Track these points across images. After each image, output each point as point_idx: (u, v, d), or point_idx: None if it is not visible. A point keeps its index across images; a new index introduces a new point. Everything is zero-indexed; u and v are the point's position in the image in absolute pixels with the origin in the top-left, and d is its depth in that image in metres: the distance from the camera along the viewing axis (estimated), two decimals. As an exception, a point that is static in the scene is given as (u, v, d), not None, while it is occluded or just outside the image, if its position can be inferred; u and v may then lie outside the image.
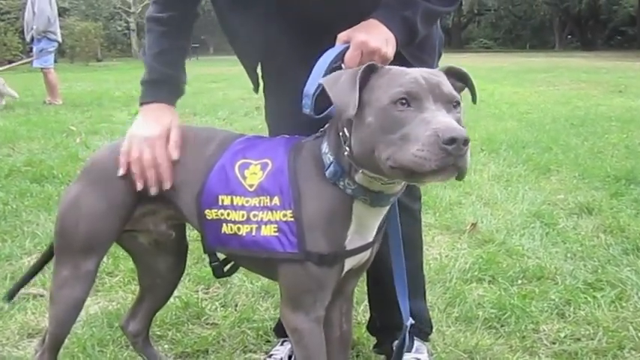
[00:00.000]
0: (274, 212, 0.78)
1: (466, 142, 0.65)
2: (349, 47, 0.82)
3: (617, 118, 4.25)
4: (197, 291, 1.52)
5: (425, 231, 1.81)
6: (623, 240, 1.80)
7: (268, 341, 1.25)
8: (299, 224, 0.77)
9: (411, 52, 0.91)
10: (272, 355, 1.15)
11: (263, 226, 0.79)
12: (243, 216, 0.80)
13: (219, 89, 7.19)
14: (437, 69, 0.78)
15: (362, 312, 1.37)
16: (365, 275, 1.15)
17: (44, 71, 5.75)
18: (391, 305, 0.99)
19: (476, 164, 2.79)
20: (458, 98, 0.73)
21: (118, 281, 1.58)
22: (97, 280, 1.57)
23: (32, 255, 1.76)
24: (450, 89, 0.73)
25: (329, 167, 0.79)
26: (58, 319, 0.93)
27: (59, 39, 5.92)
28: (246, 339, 1.26)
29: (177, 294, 1.45)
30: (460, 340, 1.23)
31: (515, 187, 2.45)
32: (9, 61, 9.18)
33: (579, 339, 1.24)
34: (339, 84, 0.73)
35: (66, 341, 1.20)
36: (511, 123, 4.17)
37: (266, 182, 0.80)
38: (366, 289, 1.20)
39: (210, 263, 0.91)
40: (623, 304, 1.39)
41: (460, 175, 0.68)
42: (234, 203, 0.81)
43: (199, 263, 1.66)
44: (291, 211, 0.78)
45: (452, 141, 0.64)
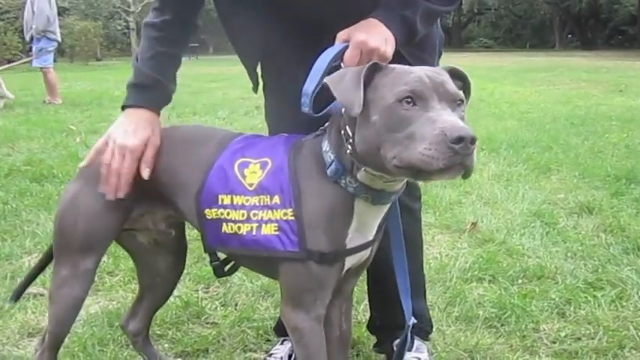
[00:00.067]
0: (275, 211, 0.78)
1: (473, 141, 0.66)
2: (348, 46, 0.82)
3: (617, 118, 4.25)
4: (197, 290, 1.52)
5: (425, 230, 1.81)
6: (623, 239, 1.80)
7: (268, 340, 1.25)
8: (300, 223, 0.77)
9: (411, 52, 0.91)
10: (272, 354, 1.15)
11: (263, 225, 0.79)
12: (243, 215, 0.80)
13: (218, 89, 7.18)
14: (439, 67, 0.78)
15: (362, 311, 1.37)
16: (365, 274, 1.15)
17: (43, 71, 5.74)
18: (391, 304, 0.99)
19: (476, 164, 2.78)
20: (462, 97, 0.74)
21: (119, 280, 1.58)
22: (98, 280, 1.57)
23: (32, 254, 1.76)
24: (454, 88, 0.73)
25: (330, 165, 0.78)
26: (58, 319, 0.93)
27: (58, 38, 5.90)
28: (246, 338, 1.26)
29: (177, 293, 1.45)
30: (460, 340, 1.23)
31: (515, 187, 2.45)
32: (8, 61, 9.17)
33: (580, 338, 1.24)
34: (344, 82, 0.72)
35: (66, 340, 1.20)
36: (511, 122, 4.17)
37: (266, 181, 0.80)
38: (366, 288, 1.20)
39: (210, 262, 0.91)
40: (623, 304, 1.39)
41: (466, 174, 0.68)
42: (234, 202, 0.81)
43: (199, 262, 1.66)
44: (291, 210, 0.77)
45: (459, 140, 0.65)
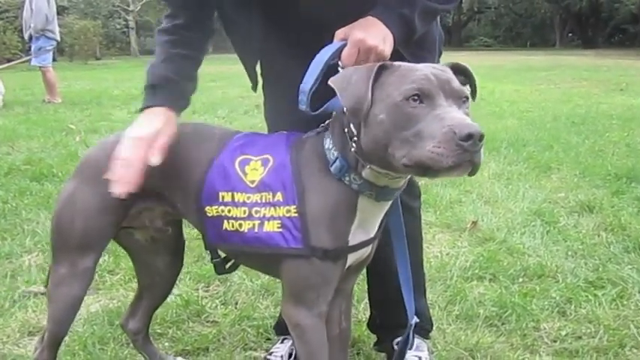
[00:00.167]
0: (277, 208, 0.78)
1: (481, 138, 0.66)
2: (346, 44, 0.82)
3: (618, 117, 4.25)
4: (197, 289, 1.52)
5: (425, 229, 1.81)
6: (624, 238, 1.80)
7: (268, 339, 1.25)
8: (303, 220, 0.77)
9: (411, 50, 0.91)
10: (272, 353, 1.15)
11: (266, 222, 0.78)
12: (244, 212, 0.80)
13: (218, 88, 7.17)
14: (443, 64, 0.78)
15: (362, 310, 1.37)
16: (365, 273, 1.15)
17: (42, 70, 5.73)
18: (392, 303, 0.99)
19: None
20: (467, 94, 0.74)
21: (119, 279, 1.58)
22: (98, 278, 1.57)
23: (32, 253, 1.76)
24: (459, 85, 0.73)
25: (334, 163, 0.78)
26: (57, 318, 0.93)
27: (57, 37, 5.88)
28: (246, 337, 1.26)
29: (177, 292, 1.45)
30: (461, 338, 1.23)
31: (515, 186, 2.45)
32: (8, 60, 9.16)
33: (580, 337, 1.24)
34: (352, 84, 0.72)
35: (67, 339, 1.20)
36: (512, 121, 4.17)
37: (268, 178, 0.80)
38: (367, 287, 1.20)
39: (211, 260, 0.91)
40: (624, 303, 1.39)
41: (474, 171, 0.69)
42: (235, 200, 0.81)
43: (199, 261, 1.66)
44: (295, 207, 0.77)
45: (468, 137, 0.65)
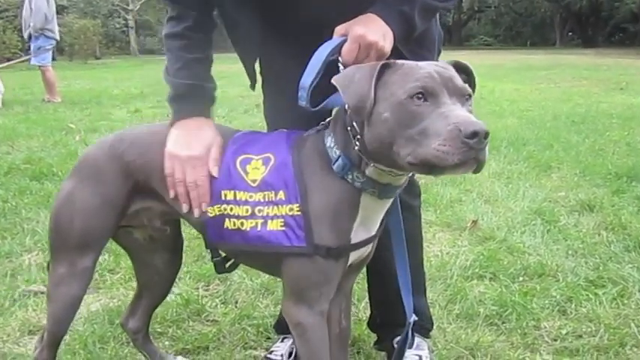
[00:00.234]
0: (280, 207, 0.78)
1: (487, 136, 0.66)
2: (346, 40, 0.82)
3: (618, 116, 4.24)
4: (197, 288, 1.52)
5: (426, 228, 1.81)
6: (624, 237, 1.80)
7: (269, 338, 1.25)
8: (306, 218, 0.77)
9: (410, 48, 0.91)
10: (272, 352, 1.15)
11: (269, 221, 0.78)
12: (247, 211, 0.80)
13: (218, 87, 7.11)
14: (444, 62, 0.78)
15: (362, 309, 1.37)
16: (365, 272, 1.15)
17: (42, 69, 5.73)
18: (392, 302, 0.99)
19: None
20: (470, 91, 0.74)
21: (119, 278, 1.58)
22: (99, 277, 1.57)
23: (32, 252, 1.76)
24: (462, 83, 0.73)
25: (337, 161, 0.78)
26: (56, 317, 0.93)
27: (57, 36, 5.88)
28: (246, 336, 1.26)
29: (177, 291, 1.45)
30: (461, 337, 1.23)
31: (516, 185, 2.45)
32: (7, 59, 9.15)
33: (581, 336, 1.24)
34: (355, 83, 0.72)
35: (67, 337, 1.21)
36: (512, 120, 4.16)
37: (269, 177, 0.80)
38: (367, 286, 1.20)
39: (212, 259, 0.91)
40: (624, 302, 1.38)
41: (478, 168, 0.69)
42: (237, 198, 0.81)
43: (199, 261, 1.66)
44: (297, 205, 0.77)
45: (474, 135, 0.65)
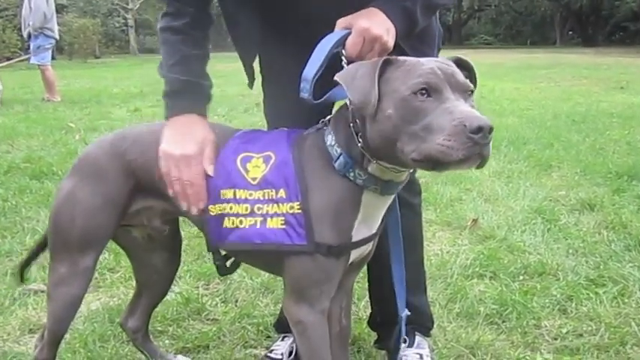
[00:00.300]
0: (280, 205, 0.78)
1: (491, 131, 0.66)
2: (350, 33, 0.82)
3: (618, 115, 4.24)
4: (197, 287, 1.52)
5: (426, 227, 1.80)
6: (625, 236, 1.80)
7: (269, 337, 1.25)
8: (307, 216, 0.77)
9: (411, 44, 0.91)
10: (272, 351, 1.15)
11: (269, 219, 0.78)
12: (246, 209, 0.79)
13: (217, 86, 6.97)
14: (446, 58, 0.78)
15: (363, 308, 1.37)
16: (366, 271, 1.15)
17: (41, 68, 5.72)
18: (392, 301, 0.98)
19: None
20: (472, 87, 0.74)
21: (119, 277, 1.58)
22: (99, 276, 1.57)
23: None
24: (464, 78, 0.73)
25: (338, 159, 0.78)
26: (56, 316, 0.93)
27: (56, 36, 5.87)
28: (246, 334, 1.26)
29: (177, 290, 1.45)
30: (461, 336, 1.23)
31: (516, 184, 2.45)
32: (7, 59, 9.15)
33: (581, 335, 1.24)
34: (357, 79, 0.72)
35: (67, 336, 1.20)
36: (512, 119, 4.16)
37: (270, 175, 0.80)
38: (367, 285, 1.20)
39: (214, 262, 0.90)
40: (625, 300, 1.38)
41: (482, 163, 0.69)
42: (236, 196, 0.80)
43: (199, 259, 1.66)
44: (298, 204, 0.77)
45: (479, 130, 0.65)
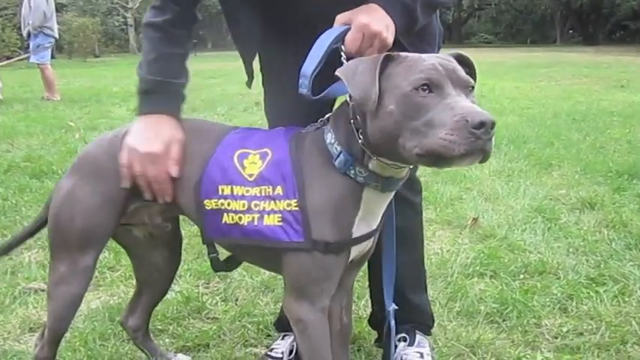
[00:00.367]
0: (277, 202, 0.78)
1: (493, 126, 0.66)
2: (349, 29, 0.81)
3: (619, 113, 4.24)
4: (197, 286, 1.52)
5: (426, 226, 1.79)
6: (625, 235, 1.80)
7: (269, 335, 1.25)
8: (304, 213, 0.77)
9: (411, 41, 0.90)
10: (273, 349, 1.15)
11: (265, 216, 0.78)
12: (244, 205, 0.79)
13: (217, 85, 7.15)
14: (446, 54, 0.77)
15: (363, 306, 1.37)
16: (367, 269, 1.15)
17: (40, 67, 5.72)
18: (393, 299, 0.98)
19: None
20: (473, 83, 0.73)
21: (120, 276, 1.58)
22: (99, 275, 1.57)
23: (32, 250, 1.76)
24: (465, 74, 0.73)
25: (338, 157, 0.78)
26: (56, 315, 0.93)
27: (56, 34, 5.87)
28: (246, 333, 1.26)
29: (177, 289, 1.45)
30: (462, 335, 1.23)
31: (516, 183, 2.44)
32: (7, 58, 9.14)
33: (582, 334, 1.24)
34: (358, 74, 0.71)
35: (68, 335, 1.20)
36: (512, 118, 4.15)
37: (267, 172, 0.80)
38: (368, 283, 1.20)
39: (208, 255, 0.90)
40: (625, 299, 1.38)
41: (484, 159, 0.69)
42: (234, 193, 0.80)
43: (200, 258, 1.66)
44: (295, 201, 0.77)
45: (481, 125, 0.65)
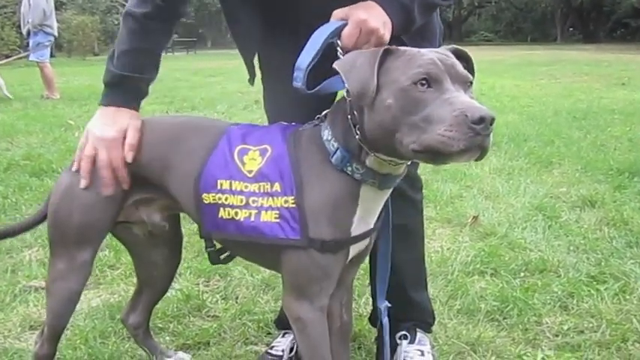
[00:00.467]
0: (275, 198, 0.78)
1: (492, 121, 0.65)
2: (346, 24, 0.81)
3: (619, 111, 4.23)
4: (198, 284, 1.52)
5: (426, 224, 1.78)
6: (626, 233, 1.79)
7: (269, 333, 1.25)
8: (301, 211, 0.76)
9: (411, 37, 0.90)
10: (273, 347, 1.15)
11: (263, 212, 0.78)
12: (241, 201, 0.79)
13: (217, 83, 7.15)
14: (443, 48, 0.77)
15: (363, 304, 1.37)
16: (368, 267, 1.15)
17: (40, 65, 5.71)
18: (394, 297, 0.98)
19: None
20: (471, 78, 0.73)
21: (120, 274, 1.58)
22: (99, 273, 1.57)
23: (33, 248, 1.76)
24: (464, 70, 0.72)
25: (335, 153, 0.77)
26: (55, 311, 0.93)
27: (55, 33, 5.87)
28: (247, 331, 1.26)
29: (178, 287, 1.45)
30: (462, 333, 1.23)
31: (516, 181, 2.44)
32: (6, 56, 9.12)
33: (582, 331, 1.24)
34: (357, 67, 0.71)
35: (68, 333, 1.21)
36: (512, 116, 4.15)
37: (266, 168, 0.79)
38: (369, 281, 1.20)
39: (205, 248, 0.90)
40: (626, 297, 1.38)
41: (482, 155, 0.68)
42: (232, 188, 0.80)
43: (200, 256, 1.66)
44: (292, 198, 0.77)
45: (481, 120, 0.64)
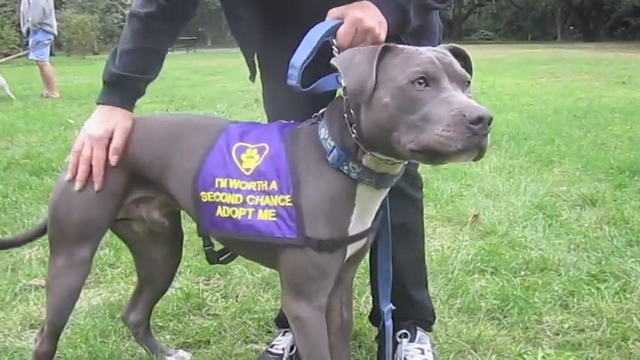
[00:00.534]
0: (272, 197, 0.78)
1: (490, 121, 0.65)
2: (342, 23, 0.81)
3: (620, 110, 4.23)
4: (198, 282, 1.52)
5: (426, 223, 1.78)
6: (627, 231, 1.79)
7: (269, 332, 1.25)
8: (298, 210, 0.76)
9: (412, 38, 0.90)
10: (273, 346, 1.15)
11: (260, 211, 0.78)
12: (238, 199, 0.79)
13: (217, 82, 7.15)
14: (442, 47, 0.77)
15: (363, 303, 1.37)
16: (368, 266, 1.14)
17: (39, 64, 5.72)
18: (394, 296, 0.98)
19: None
20: (469, 78, 0.73)
21: (120, 273, 1.58)
22: (99, 272, 1.57)
23: (33, 247, 1.76)
24: (462, 69, 0.72)
25: (331, 152, 0.77)
26: (55, 308, 0.93)
27: (55, 31, 5.87)
28: (247, 330, 1.26)
29: (178, 285, 1.45)
30: (463, 331, 1.23)
31: (517, 179, 2.44)
32: (5, 55, 9.12)
33: (583, 330, 1.24)
34: (355, 64, 0.70)
35: (68, 331, 1.21)
36: (512, 115, 4.14)
37: (263, 166, 0.79)
38: (370, 279, 1.20)
39: (203, 247, 0.90)
40: (627, 296, 1.38)
41: (480, 155, 0.68)
42: (230, 186, 0.80)
43: (200, 255, 1.66)
44: (289, 196, 0.77)
45: (479, 120, 0.64)
